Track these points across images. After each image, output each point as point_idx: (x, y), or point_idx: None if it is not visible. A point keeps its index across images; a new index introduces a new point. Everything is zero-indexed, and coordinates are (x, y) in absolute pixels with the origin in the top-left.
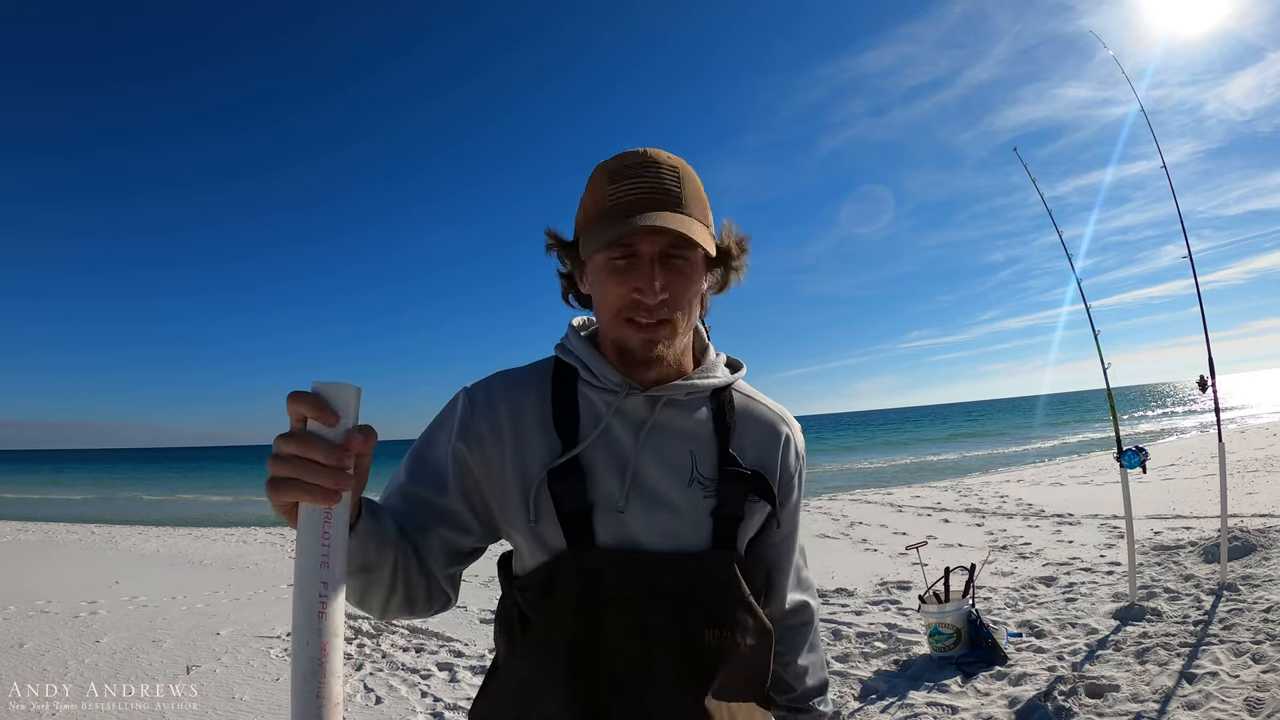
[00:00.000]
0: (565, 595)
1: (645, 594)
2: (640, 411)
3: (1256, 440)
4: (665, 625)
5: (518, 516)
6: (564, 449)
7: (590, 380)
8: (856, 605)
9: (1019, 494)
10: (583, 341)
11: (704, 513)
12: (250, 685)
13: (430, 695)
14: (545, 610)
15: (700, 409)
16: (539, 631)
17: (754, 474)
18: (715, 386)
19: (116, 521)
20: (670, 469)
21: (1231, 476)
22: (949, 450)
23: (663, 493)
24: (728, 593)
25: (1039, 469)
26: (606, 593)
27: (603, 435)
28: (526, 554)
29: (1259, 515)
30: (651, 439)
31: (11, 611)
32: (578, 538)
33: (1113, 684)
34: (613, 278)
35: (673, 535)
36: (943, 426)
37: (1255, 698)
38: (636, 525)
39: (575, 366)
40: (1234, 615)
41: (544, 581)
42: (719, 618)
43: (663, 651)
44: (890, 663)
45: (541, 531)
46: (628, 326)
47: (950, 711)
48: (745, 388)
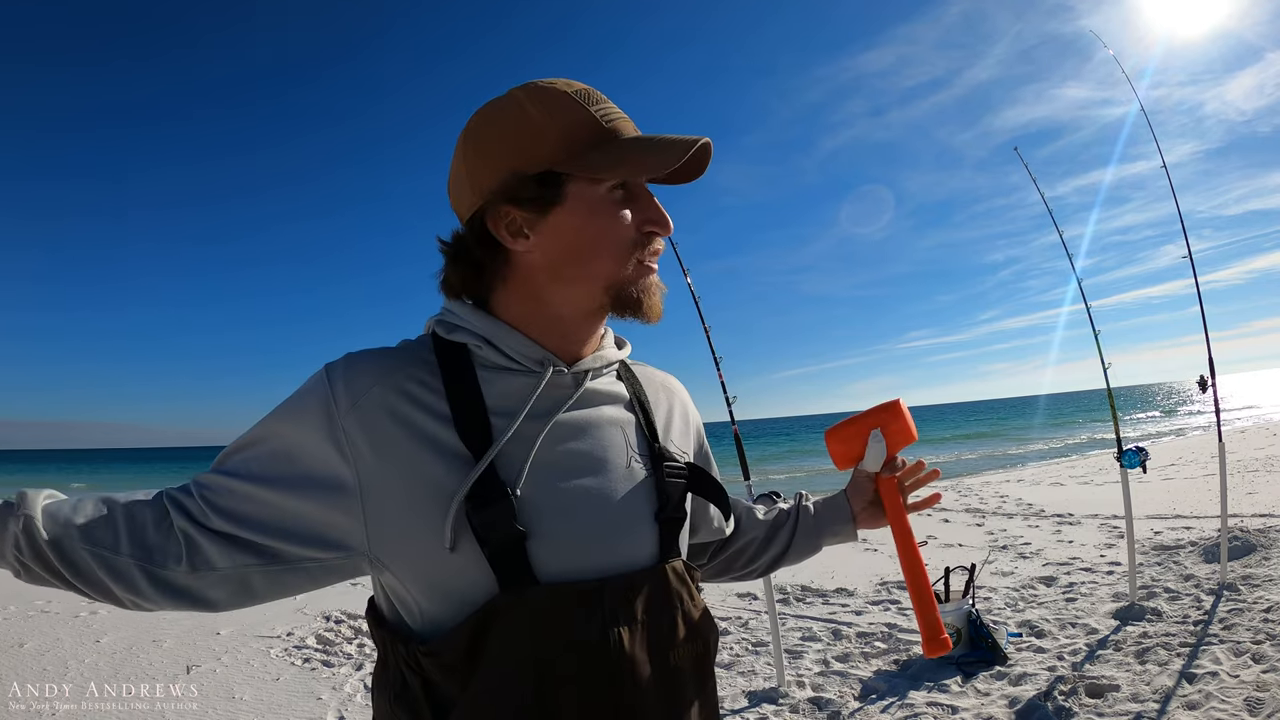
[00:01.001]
0: (507, 651)
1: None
2: (559, 393)
3: (1256, 440)
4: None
5: (413, 550)
6: (473, 456)
7: (494, 360)
8: (856, 605)
9: (1019, 494)
10: (481, 315)
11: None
12: (250, 685)
13: None
14: (479, 682)
15: (616, 384)
16: (475, 713)
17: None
18: (621, 359)
19: None
20: (605, 457)
21: (1231, 476)
22: (948, 450)
23: (603, 491)
24: (685, 603)
25: (1039, 469)
26: (560, 637)
27: (521, 430)
28: (423, 602)
29: (1259, 515)
30: (579, 425)
31: (11, 611)
32: (512, 575)
33: (1113, 684)
34: (618, 212)
35: (618, 550)
36: (942, 426)
37: (1255, 698)
38: (579, 545)
39: (469, 344)
40: (1234, 615)
41: (469, 639)
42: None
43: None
44: (890, 663)
45: (459, 568)
46: (640, 268)
47: (950, 711)
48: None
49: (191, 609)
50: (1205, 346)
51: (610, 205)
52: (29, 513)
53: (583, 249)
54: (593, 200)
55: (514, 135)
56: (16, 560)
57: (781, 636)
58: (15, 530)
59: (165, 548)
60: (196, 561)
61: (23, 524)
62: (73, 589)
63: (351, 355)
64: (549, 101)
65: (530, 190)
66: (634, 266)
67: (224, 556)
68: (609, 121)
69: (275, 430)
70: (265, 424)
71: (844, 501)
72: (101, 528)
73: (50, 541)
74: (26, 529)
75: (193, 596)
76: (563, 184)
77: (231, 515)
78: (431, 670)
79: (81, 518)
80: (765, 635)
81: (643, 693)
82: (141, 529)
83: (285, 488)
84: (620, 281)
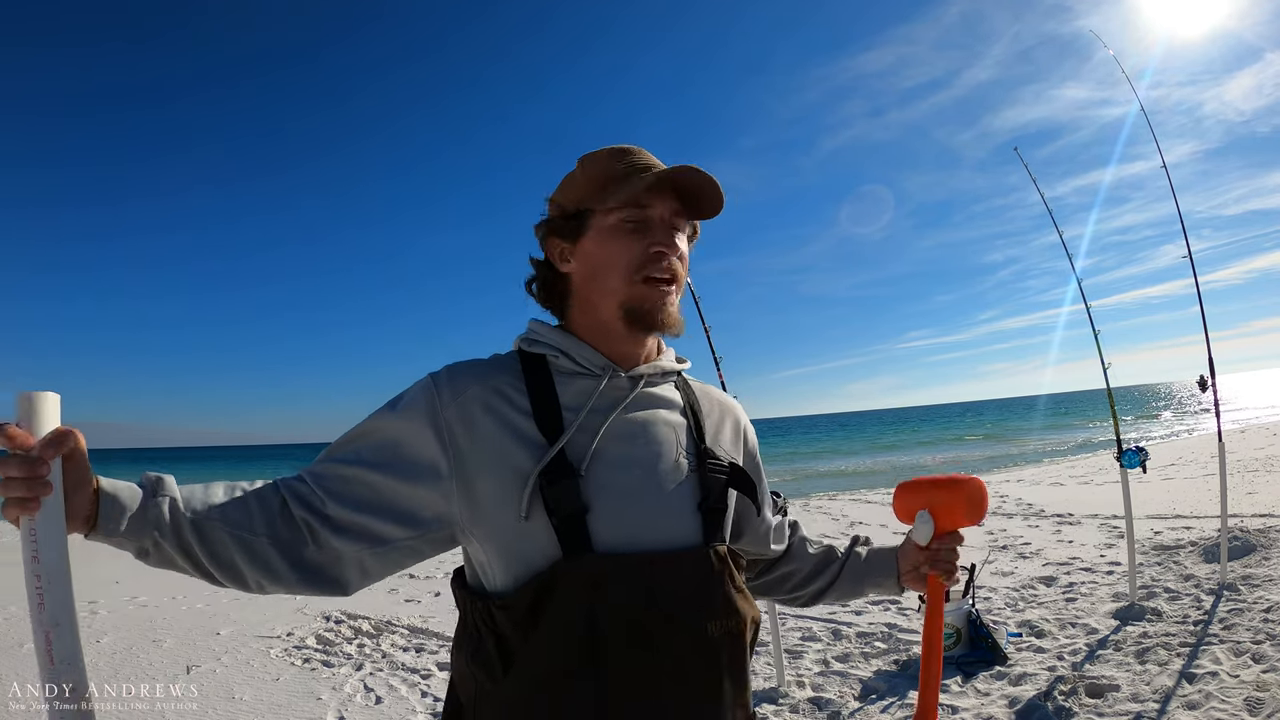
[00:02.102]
0: (563, 609)
1: (648, 597)
2: (619, 393)
3: (1256, 440)
4: (670, 626)
5: (495, 520)
6: (548, 442)
7: (568, 367)
8: (856, 605)
9: (1019, 494)
10: (554, 330)
11: (692, 503)
12: (250, 685)
13: (430, 695)
14: (538, 635)
15: (673, 392)
16: (537, 660)
17: (733, 466)
18: (679, 370)
19: None
20: (656, 450)
21: (1231, 476)
22: (949, 450)
23: (655, 480)
24: (723, 582)
25: (1039, 469)
26: (611, 600)
27: (586, 422)
28: (499, 566)
29: (1259, 515)
30: (635, 421)
31: (12, 611)
32: (573, 543)
33: (1113, 684)
34: (630, 236)
35: (667, 529)
36: (942, 426)
37: (1255, 698)
38: (631, 522)
39: (546, 355)
40: (1234, 615)
41: (531, 600)
42: (723, 609)
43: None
44: (890, 663)
45: (530, 534)
46: (644, 285)
47: (950, 711)
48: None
49: (324, 590)
50: (1205, 346)
51: (620, 233)
52: (172, 495)
53: (599, 269)
54: (606, 229)
55: (563, 187)
56: (153, 541)
57: (781, 636)
58: (158, 512)
59: (295, 531)
60: (321, 545)
61: (168, 505)
62: (198, 571)
63: (453, 364)
64: (589, 160)
65: (564, 224)
66: (640, 284)
67: (342, 541)
68: (628, 168)
69: (382, 424)
70: (372, 419)
71: (892, 560)
72: (238, 510)
73: (193, 523)
74: (172, 510)
75: (326, 576)
76: (587, 218)
77: (345, 499)
78: (503, 624)
79: (217, 500)
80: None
81: (680, 656)
82: (272, 513)
83: (391, 472)
84: (629, 298)
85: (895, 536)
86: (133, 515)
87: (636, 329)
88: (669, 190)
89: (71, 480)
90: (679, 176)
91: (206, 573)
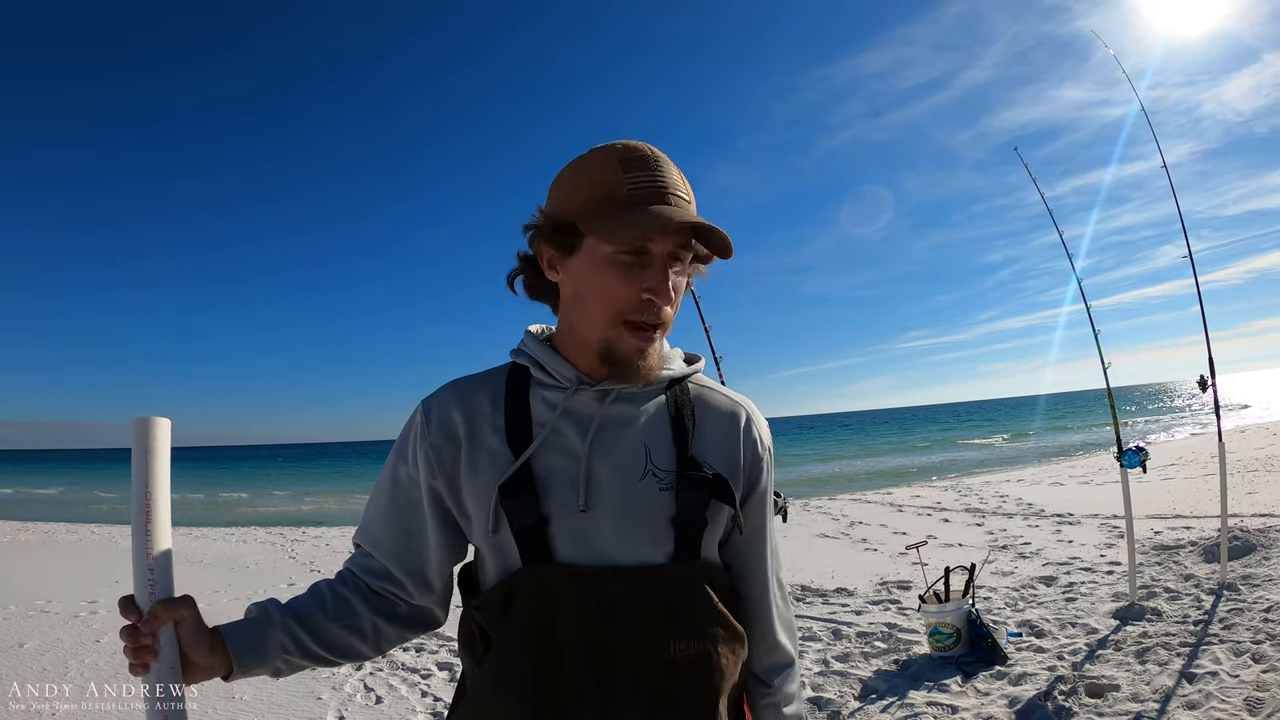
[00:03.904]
0: (522, 615)
1: (604, 610)
2: (589, 407)
3: (1256, 440)
4: (627, 641)
5: (476, 531)
6: (514, 457)
7: (543, 379)
8: (856, 605)
9: (1019, 494)
10: (537, 341)
11: (664, 518)
12: (250, 685)
13: (430, 695)
14: (504, 631)
15: (655, 399)
16: (499, 654)
17: (715, 477)
18: (671, 378)
19: (115, 521)
20: (623, 465)
21: (1231, 476)
22: (948, 450)
23: (618, 494)
24: (695, 603)
25: (1039, 469)
26: (563, 610)
27: (551, 437)
28: (487, 567)
29: (1259, 515)
30: (601, 435)
31: (11, 611)
32: (532, 553)
33: (1113, 684)
34: (621, 274)
35: (633, 545)
36: (942, 426)
37: (1255, 697)
38: (594, 536)
39: (529, 367)
40: (1234, 615)
41: (501, 601)
42: (688, 629)
43: (625, 669)
44: (890, 662)
45: (499, 546)
46: (625, 329)
47: (950, 711)
48: (702, 379)
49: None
50: (1205, 346)
51: (614, 267)
52: (287, 620)
53: (585, 298)
54: (599, 258)
55: (564, 184)
56: (283, 661)
57: None
58: (281, 638)
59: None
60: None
61: (288, 631)
62: (323, 664)
63: (442, 387)
64: (595, 163)
65: (556, 235)
66: (623, 327)
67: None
68: (633, 191)
69: (394, 469)
70: (386, 466)
71: None
72: (339, 604)
73: (313, 635)
74: (292, 634)
75: (423, 619)
76: (580, 236)
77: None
78: (482, 620)
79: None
80: None
81: (635, 673)
82: (364, 594)
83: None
84: (608, 339)
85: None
86: (259, 653)
87: (610, 370)
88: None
89: (189, 641)
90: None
91: (331, 662)
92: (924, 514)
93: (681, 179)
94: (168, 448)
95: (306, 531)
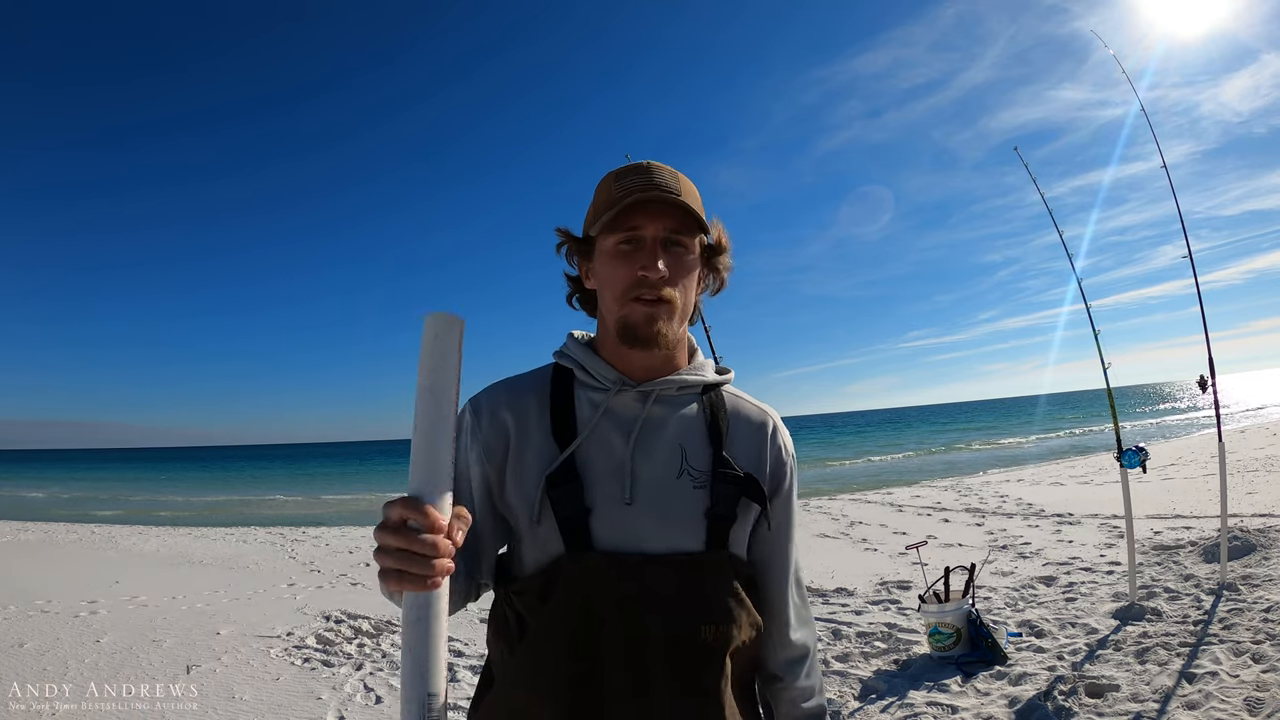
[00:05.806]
0: (563, 598)
1: (642, 595)
2: (631, 408)
3: (1256, 440)
4: (662, 625)
5: (520, 520)
6: (560, 452)
7: (586, 380)
8: (856, 605)
9: (1019, 494)
10: (580, 344)
11: (697, 511)
12: (250, 685)
13: None
14: (543, 614)
15: (690, 404)
16: (538, 635)
17: (746, 476)
18: (706, 383)
19: (115, 521)
20: (661, 463)
21: (1231, 476)
22: (948, 450)
23: (656, 489)
24: (721, 589)
25: (1039, 469)
26: (604, 595)
27: (595, 434)
28: (526, 556)
29: (1259, 515)
30: (643, 434)
31: (11, 611)
32: (575, 541)
33: (1113, 684)
34: (619, 259)
35: (668, 535)
36: (942, 426)
37: (1255, 697)
38: (632, 526)
39: (572, 369)
40: (1234, 615)
41: (541, 586)
42: (715, 613)
43: (659, 652)
44: (890, 662)
45: (541, 535)
46: (632, 304)
47: (950, 711)
48: (734, 389)
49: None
50: (1205, 346)
51: (615, 256)
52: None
53: (602, 289)
54: (605, 251)
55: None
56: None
57: None
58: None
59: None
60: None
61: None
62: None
63: (490, 385)
64: (601, 182)
65: (577, 245)
66: (630, 304)
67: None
68: (622, 192)
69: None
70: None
71: None
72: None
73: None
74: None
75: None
76: (594, 242)
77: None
78: (519, 605)
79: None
80: None
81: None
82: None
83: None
84: (620, 318)
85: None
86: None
87: (630, 345)
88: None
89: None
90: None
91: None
92: (924, 514)
93: (674, 178)
94: (458, 352)
95: (306, 531)
